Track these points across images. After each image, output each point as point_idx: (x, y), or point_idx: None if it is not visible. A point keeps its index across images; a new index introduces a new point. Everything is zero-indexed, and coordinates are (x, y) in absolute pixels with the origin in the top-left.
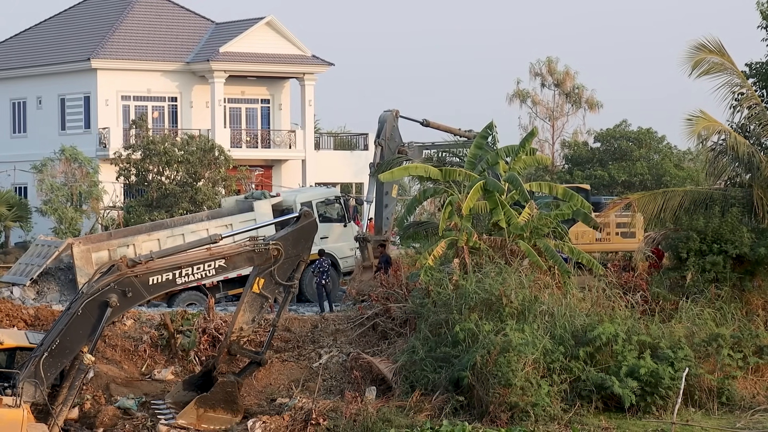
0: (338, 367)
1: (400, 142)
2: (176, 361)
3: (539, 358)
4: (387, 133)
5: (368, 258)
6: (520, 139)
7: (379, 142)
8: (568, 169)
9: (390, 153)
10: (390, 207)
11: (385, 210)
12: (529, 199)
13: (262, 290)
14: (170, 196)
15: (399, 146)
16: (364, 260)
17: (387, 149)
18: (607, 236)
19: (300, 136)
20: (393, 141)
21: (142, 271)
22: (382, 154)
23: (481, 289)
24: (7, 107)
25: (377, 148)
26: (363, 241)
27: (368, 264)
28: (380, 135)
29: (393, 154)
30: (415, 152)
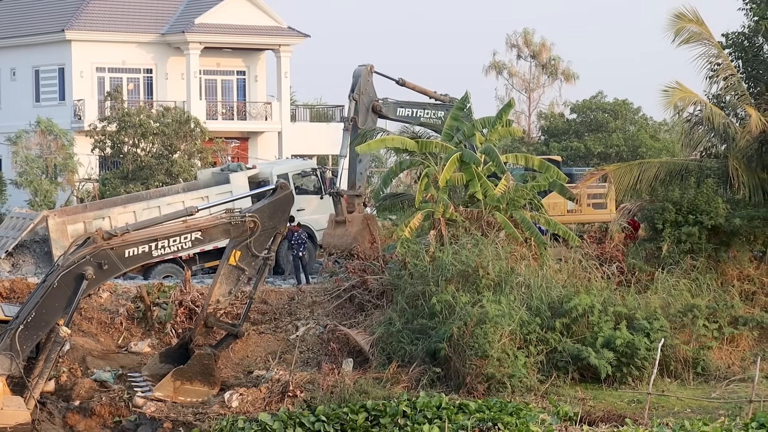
0: (315, 339)
1: (374, 96)
2: (153, 334)
3: (516, 329)
4: (361, 87)
5: (341, 213)
6: (497, 111)
7: (354, 96)
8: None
9: (364, 107)
10: (364, 162)
11: (359, 165)
12: (505, 170)
13: (239, 262)
14: (146, 169)
15: (373, 101)
16: (337, 215)
17: (361, 103)
18: (578, 207)
19: (276, 108)
20: (366, 95)
21: (117, 243)
22: (356, 108)
23: (457, 260)
24: None
25: (351, 103)
26: (336, 195)
27: (341, 219)
28: (354, 89)
29: (367, 109)
30: (389, 108)
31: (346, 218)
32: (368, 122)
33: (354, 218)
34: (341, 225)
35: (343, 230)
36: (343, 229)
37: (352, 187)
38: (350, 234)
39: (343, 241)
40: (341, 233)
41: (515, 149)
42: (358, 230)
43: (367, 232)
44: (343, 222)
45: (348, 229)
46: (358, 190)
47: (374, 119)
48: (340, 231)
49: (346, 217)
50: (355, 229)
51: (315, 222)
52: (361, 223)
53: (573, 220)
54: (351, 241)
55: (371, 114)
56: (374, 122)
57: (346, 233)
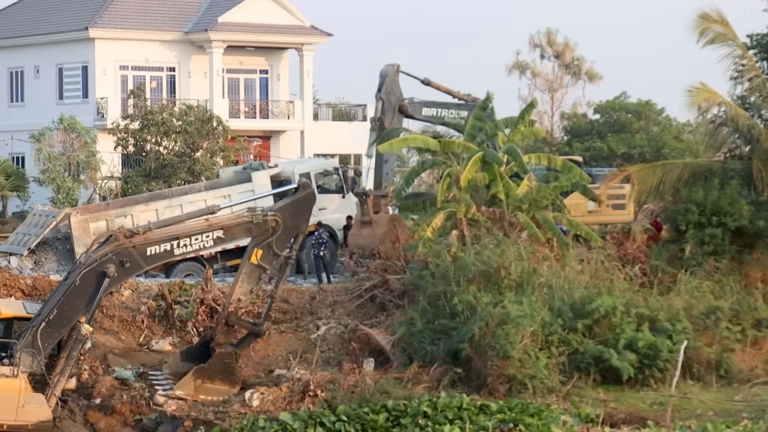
0: (336, 338)
1: (400, 96)
2: (174, 332)
3: (537, 330)
4: (388, 87)
5: (367, 213)
6: (520, 111)
7: (380, 96)
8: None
9: (390, 107)
10: (390, 162)
11: (385, 165)
12: (528, 171)
13: (260, 261)
14: (168, 167)
15: (400, 101)
16: (363, 215)
17: (387, 103)
18: (598, 208)
19: (298, 107)
20: (394, 95)
21: (139, 241)
22: (383, 108)
23: (479, 261)
24: (5, 76)
25: (378, 102)
26: (363, 195)
27: (367, 219)
28: (381, 89)
29: (393, 109)
30: (416, 108)
31: (372, 219)
32: (395, 122)
33: (380, 219)
34: (367, 226)
35: (369, 231)
36: (369, 230)
37: (378, 188)
38: (376, 235)
39: (369, 242)
40: (367, 234)
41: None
42: (384, 231)
43: (393, 233)
44: (369, 222)
45: (374, 230)
46: (384, 190)
47: (400, 119)
48: (366, 232)
49: (372, 218)
50: (382, 230)
51: (336, 221)
52: (388, 224)
53: (593, 221)
54: (377, 242)
55: (397, 114)
56: (400, 122)
57: (373, 234)
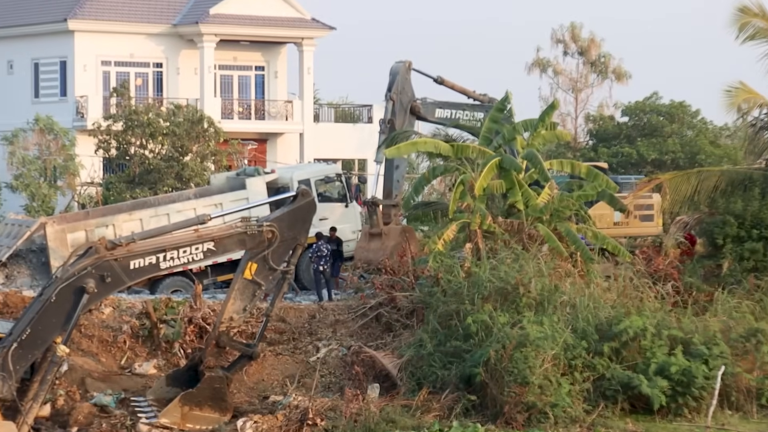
0: (338, 361)
1: (412, 96)
2: (159, 354)
3: (559, 353)
4: (399, 86)
5: (377, 224)
6: (540, 112)
7: (391, 96)
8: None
9: (402, 108)
10: (401, 168)
11: (396, 172)
12: (549, 178)
13: (255, 276)
14: (154, 172)
15: (411, 101)
16: (372, 226)
17: (399, 104)
18: (625, 220)
19: (297, 107)
20: (405, 95)
21: (122, 254)
22: (393, 109)
23: (495, 277)
24: None
25: (388, 103)
26: (372, 205)
27: (376, 231)
28: (391, 88)
29: (405, 110)
30: (428, 109)
31: (382, 230)
32: (406, 124)
33: (390, 230)
34: (376, 238)
35: (378, 244)
36: (378, 243)
37: (388, 196)
38: (387, 248)
39: (379, 256)
40: (376, 247)
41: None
42: (395, 244)
43: (404, 246)
44: (379, 234)
45: (384, 243)
46: (394, 199)
47: (412, 121)
48: (375, 245)
49: (381, 229)
50: (392, 243)
51: (339, 232)
52: (399, 236)
53: (619, 234)
54: (388, 255)
55: (409, 115)
56: (412, 124)
57: (383, 247)
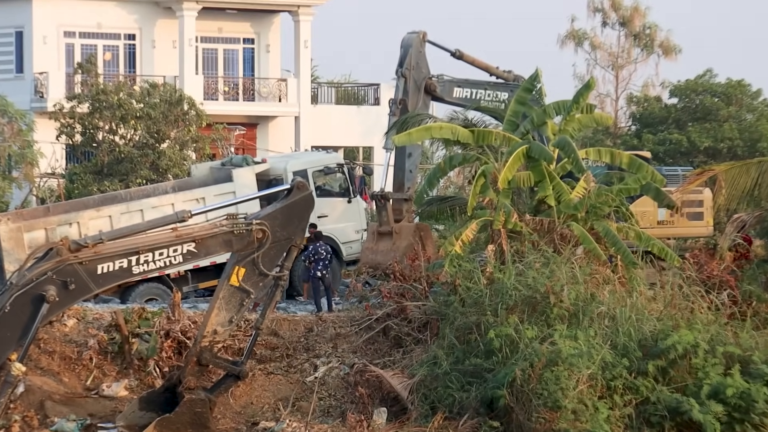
0: (339, 381)
1: (427, 73)
2: (131, 373)
3: (596, 373)
4: (412, 60)
5: (387, 221)
6: (575, 93)
7: (403, 72)
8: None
9: (415, 87)
10: (414, 157)
11: (408, 161)
12: (584, 169)
13: (243, 283)
14: (126, 162)
15: (426, 78)
16: (381, 224)
17: (411, 81)
18: (670, 218)
19: (293, 87)
20: (419, 71)
21: (88, 256)
22: (405, 87)
23: (522, 284)
24: None
25: (400, 80)
26: (381, 199)
27: (386, 229)
28: (403, 63)
29: (419, 89)
30: (445, 88)
31: (393, 229)
32: (420, 105)
33: (403, 229)
34: (386, 237)
35: (388, 244)
36: (388, 243)
37: (400, 189)
38: (398, 249)
39: (389, 258)
40: (386, 248)
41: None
42: (407, 244)
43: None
44: (389, 234)
45: (395, 243)
46: (407, 192)
47: (427, 101)
48: (384, 245)
49: (392, 228)
50: (404, 243)
51: (341, 232)
52: (412, 236)
53: (663, 234)
54: (400, 257)
55: (423, 95)
56: (427, 105)
57: (393, 248)
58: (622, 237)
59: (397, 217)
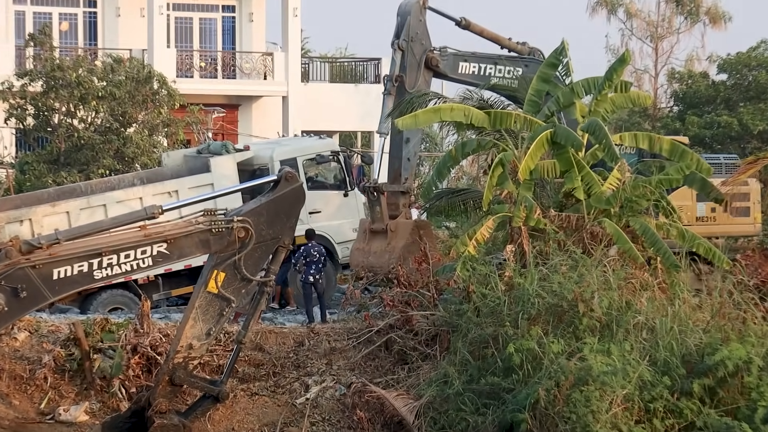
0: (334, 404)
1: (428, 45)
2: (92, 394)
3: (633, 393)
4: (410, 30)
5: (381, 218)
6: (607, 68)
7: (400, 44)
8: (677, 113)
9: (414, 61)
10: (413, 143)
11: (406, 147)
12: (619, 157)
13: (222, 289)
14: (86, 149)
15: (427, 50)
16: (374, 221)
17: (410, 55)
18: (711, 214)
19: (280, 62)
20: (418, 43)
21: (42, 259)
22: (403, 61)
23: (546, 290)
24: None
25: (396, 53)
26: (374, 192)
27: (380, 227)
28: (401, 34)
29: (418, 64)
30: (449, 62)
31: (388, 226)
32: (419, 82)
33: (399, 226)
34: (379, 236)
35: (382, 244)
36: (382, 243)
37: (396, 180)
38: (394, 250)
39: (384, 261)
40: (380, 248)
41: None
42: (405, 244)
43: (419, 248)
44: (383, 231)
45: (391, 243)
46: (404, 184)
47: (428, 78)
48: (378, 245)
49: (387, 225)
50: (401, 243)
51: (336, 230)
52: (411, 234)
53: (703, 232)
54: (395, 260)
55: (424, 70)
56: (428, 83)
57: (389, 249)
58: (663, 235)
59: (392, 213)
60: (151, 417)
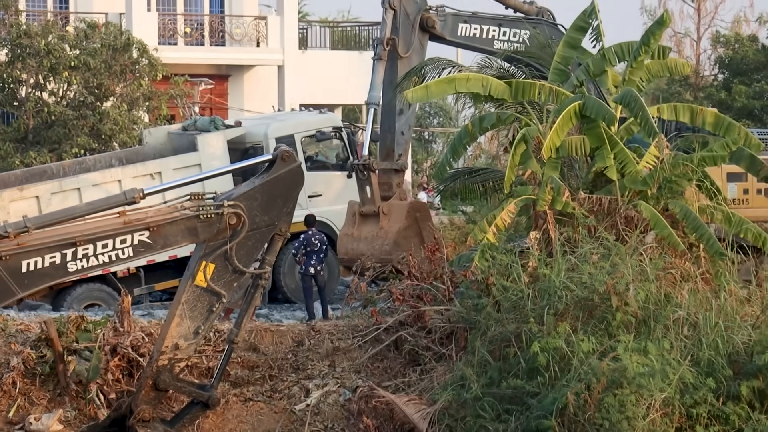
0: (338, 410)
1: (423, 4)
2: (67, 401)
3: (673, 397)
4: None
5: (372, 199)
6: (643, 32)
7: (391, 2)
8: (722, 81)
9: (407, 22)
10: (407, 115)
11: (399, 119)
12: (656, 132)
13: (212, 283)
14: (58, 125)
15: (422, 10)
16: (364, 204)
17: (402, 14)
18: (744, 195)
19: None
20: (411, 2)
21: (9, 250)
22: (395, 22)
23: (575, 282)
24: None
25: (387, 14)
26: (363, 170)
27: (371, 209)
28: None
29: (412, 25)
30: (446, 23)
31: (380, 208)
32: (414, 46)
33: (393, 208)
34: (371, 220)
35: (373, 229)
36: (374, 227)
37: (389, 157)
38: (389, 235)
39: (376, 247)
40: (371, 234)
41: (673, 96)
42: (400, 228)
43: (416, 232)
44: (375, 215)
45: (383, 227)
46: (398, 161)
47: (423, 41)
48: (369, 230)
49: (379, 207)
50: (396, 227)
51: (338, 217)
52: (407, 217)
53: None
54: (389, 247)
55: (419, 32)
56: (423, 47)
57: (381, 234)
58: (706, 219)
59: (384, 194)
60: (133, 426)
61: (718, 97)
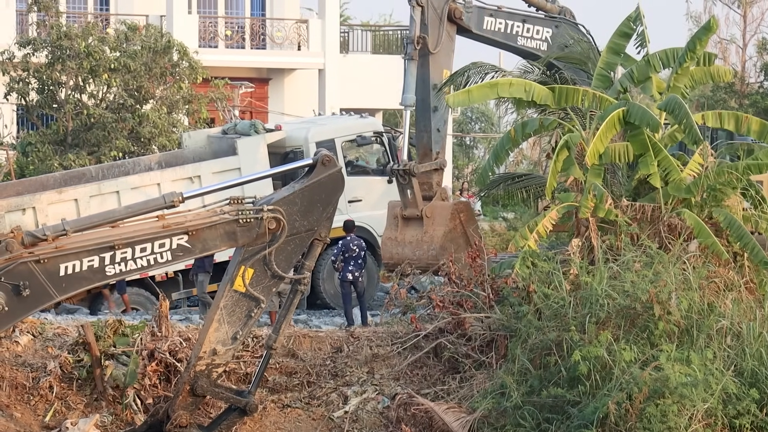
0: (376, 417)
1: None
2: (104, 406)
3: (716, 408)
4: None
5: (414, 202)
6: (689, 38)
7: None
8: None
9: (435, 16)
10: (441, 111)
11: (434, 117)
12: (701, 139)
13: (251, 288)
14: (97, 128)
15: (449, 1)
16: (406, 207)
17: (431, 10)
18: None
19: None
20: None
21: (48, 253)
22: (423, 19)
23: (617, 290)
24: None
25: (415, 11)
26: (404, 175)
27: (413, 212)
28: None
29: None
30: (473, 15)
31: (423, 211)
32: (443, 39)
33: (436, 211)
34: (414, 224)
35: (417, 233)
36: (418, 231)
37: (427, 156)
38: (434, 239)
39: (423, 252)
40: (416, 238)
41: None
42: (446, 232)
43: (461, 233)
44: (418, 218)
45: (428, 231)
46: (436, 160)
47: (452, 33)
48: (413, 234)
49: (422, 210)
50: (442, 230)
51: (378, 222)
52: (451, 220)
53: None
54: (436, 252)
55: (447, 24)
56: (452, 38)
57: (426, 238)
58: (750, 228)
59: (426, 194)
60: (171, 431)
61: (764, 104)
